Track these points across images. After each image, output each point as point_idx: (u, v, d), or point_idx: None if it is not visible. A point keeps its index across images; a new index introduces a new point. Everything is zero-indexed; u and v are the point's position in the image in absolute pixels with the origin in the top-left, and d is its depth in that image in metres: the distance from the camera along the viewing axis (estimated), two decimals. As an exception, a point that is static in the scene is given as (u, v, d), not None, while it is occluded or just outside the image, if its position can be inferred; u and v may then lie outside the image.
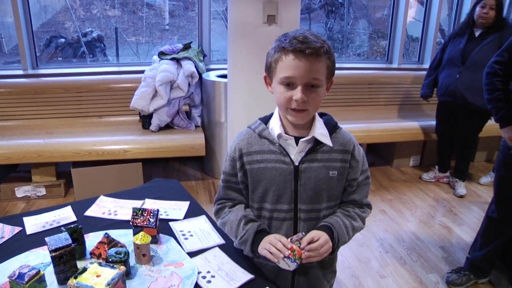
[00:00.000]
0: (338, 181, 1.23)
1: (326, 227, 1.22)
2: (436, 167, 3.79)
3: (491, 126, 3.79)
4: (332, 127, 1.25)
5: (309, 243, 1.16)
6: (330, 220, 1.24)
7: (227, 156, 1.30)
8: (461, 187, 3.57)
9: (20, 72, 3.74)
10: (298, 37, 1.09)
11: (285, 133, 1.22)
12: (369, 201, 1.34)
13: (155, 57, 3.72)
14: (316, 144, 1.21)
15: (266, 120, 1.28)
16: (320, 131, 1.21)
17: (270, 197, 1.24)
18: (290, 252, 1.14)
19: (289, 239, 1.17)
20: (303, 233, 1.19)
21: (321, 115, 1.27)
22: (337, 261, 1.43)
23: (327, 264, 1.35)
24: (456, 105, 3.39)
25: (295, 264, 1.15)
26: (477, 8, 3.24)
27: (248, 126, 1.29)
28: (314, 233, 1.19)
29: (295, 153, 1.21)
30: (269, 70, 1.19)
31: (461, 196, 3.52)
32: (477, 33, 3.28)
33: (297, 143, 1.21)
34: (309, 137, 1.20)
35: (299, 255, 1.14)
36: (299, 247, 1.16)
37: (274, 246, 1.16)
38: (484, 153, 4.34)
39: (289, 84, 1.13)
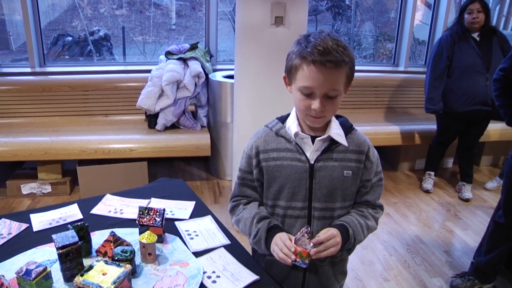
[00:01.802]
0: (353, 181, 1.25)
1: (341, 225, 1.23)
2: (432, 173, 3.72)
3: (497, 131, 3.81)
4: (347, 128, 1.26)
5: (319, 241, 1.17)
6: (345, 219, 1.25)
7: (244, 153, 1.32)
8: (468, 191, 3.55)
9: (28, 69, 3.76)
10: (319, 46, 1.08)
11: (302, 132, 1.23)
12: (381, 202, 1.35)
13: (162, 57, 3.73)
14: (332, 143, 1.23)
15: (283, 119, 1.29)
16: (336, 131, 1.22)
17: (284, 195, 1.25)
18: (295, 255, 1.14)
19: (294, 238, 1.17)
20: (307, 227, 1.19)
21: (337, 117, 1.28)
22: (347, 262, 1.43)
23: (338, 265, 1.36)
24: (478, 112, 3.26)
25: (304, 264, 1.15)
26: (465, 16, 3.22)
27: (266, 125, 1.31)
28: (323, 230, 1.19)
29: (311, 151, 1.23)
30: (289, 73, 1.19)
31: (467, 200, 3.50)
32: (477, 38, 3.25)
33: (313, 142, 1.22)
34: (325, 136, 1.21)
35: (305, 254, 1.14)
36: (308, 239, 1.16)
37: (281, 250, 1.17)
38: (489, 157, 4.32)
39: (309, 92, 1.14)
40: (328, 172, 1.22)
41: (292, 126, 1.24)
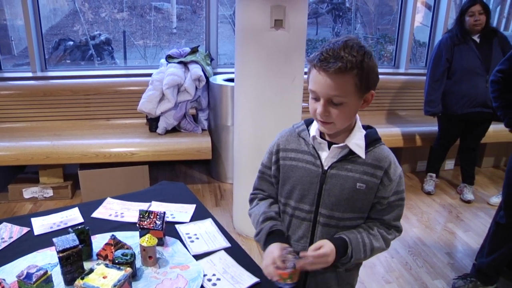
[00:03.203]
0: (365, 195, 1.21)
1: (343, 240, 1.20)
2: (434, 174, 3.72)
3: (499, 132, 3.80)
4: (372, 141, 1.22)
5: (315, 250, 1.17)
6: (349, 235, 1.21)
7: (268, 149, 1.34)
8: (469, 192, 3.55)
9: (29, 74, 3.78)
10: (326, 52, 1.07)
11: (321, 137, 1.22)
12: (400, 224, 1.29)
13: (163, 61, 3.75)
14: (350, 153, 1.20)
15: (309, 122, 1.29)
16: (356, 141, 1.19)
17: (295, 195, 1.26)
18: (278, 277, 1.15)
19: (282, 252, 1.17)
20: (287, 248, 1.19)
21: (366, 127, 1.25)
22: (357, 276, 1.39)
23: (344, 275, 1.32)
24: (478, 114, 3.27)
25: (288, 285, 1.16)
26: (466, 18, 3.20)
27: (292, 125, 1.32)
28: (320, 242, 1.18)
29: (326, 157, 1.21)
30: (308, 78, 1.19)
31: (469, 201, 3.50)
32: (477, 40, 3.25)
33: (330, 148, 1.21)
34: (342, 144, 1.19)
35: (286, 276, 1.15)
36: (295, 258, 1.16)
37: (266, 268, 1.18)
38: (491, 159, 4.32)
39: (315, 96, 1.14)
40: (340, 181, 1.20)
41: (312, 129, 1.24)
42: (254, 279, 1.26)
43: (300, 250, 1.24)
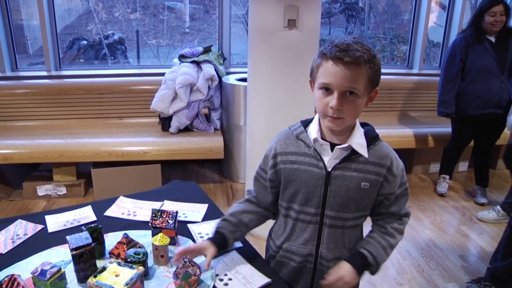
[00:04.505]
0: (369, 193, 1.22)
1: (360, 256, 1.24)
2: (447, 176, 3.67)
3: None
4: (371, 139, 1.22)
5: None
6: (366, 246, 1.25)
7: (265, 152, 1.34)
8: (483, 195, 3.50)
9: (44, 73, 3.82)
10: (341, 45, 1.08)
11: (322, 139, 1.21)
12: (408, 209, 1.31)
13: (176, 60, 3.76)
14: (352, 153, 1.20)
15: (307, 123, 1.28)
16: (358, 140, 1.19)
17: (299, 199, 1.25)
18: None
19: (180, 261, 1.22)
20: (188, 258, 1.23)
21: (363, 125, 1.26)
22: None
23: None
24: (492, 115, 3.23)
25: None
26: (486, 17, 3.12)
27: (289, 127, 1.31)
28: (336, 267, 1.23)
29: (329, 159, 1.20)
30: (312, 75, 1.19)
31: (482, 204, 3.45)
32: (493, 39, 3.19)
33: (333, 150, 1.20)
34: (345, 145, 1.18)
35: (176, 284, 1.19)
36: (194, 265, 1.20)
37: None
38: (506, 161, 4.25)
39: (327, 89, 1.13)
40: (345, 182, 1.20)
41: (312, 131, 1.23)
42: (265, 279, 1.26)
43: (307, 253, 1.28)
